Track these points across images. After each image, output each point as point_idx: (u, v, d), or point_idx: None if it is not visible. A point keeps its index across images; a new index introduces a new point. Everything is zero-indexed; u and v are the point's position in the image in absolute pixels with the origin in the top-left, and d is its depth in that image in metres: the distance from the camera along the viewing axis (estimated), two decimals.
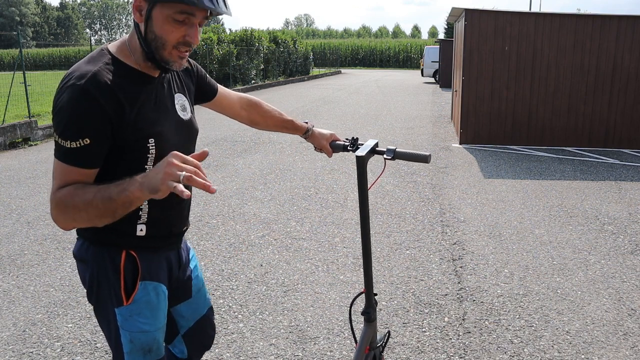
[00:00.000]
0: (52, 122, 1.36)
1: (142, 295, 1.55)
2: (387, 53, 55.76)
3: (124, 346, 1.56)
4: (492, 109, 9.00)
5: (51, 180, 2.02)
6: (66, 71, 1.43)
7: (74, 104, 1.32)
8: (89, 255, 1.55)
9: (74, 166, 1.35)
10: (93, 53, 1.46)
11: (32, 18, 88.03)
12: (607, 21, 8.52)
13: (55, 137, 1.35)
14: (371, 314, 2.13)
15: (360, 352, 2.09)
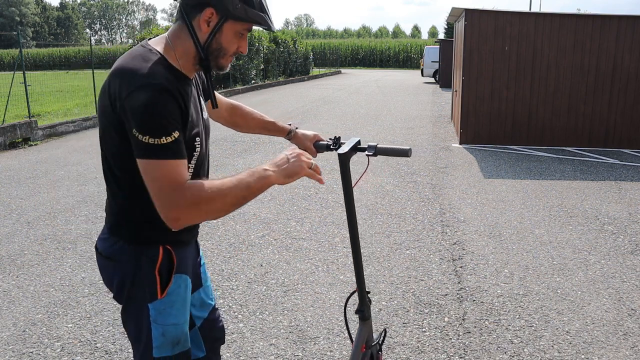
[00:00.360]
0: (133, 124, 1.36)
1: (174, 288, 1.58)
2: (387, 53, 55.76)
3: (155, 340, 1.58)
4: (492, 109, 9.00)
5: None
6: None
7: (157, 103, 1.36)
8: (123, 255, 1.56)
9: (175, 159, 1.38)
10: (140, 50, 1.49)
11: (32, 18, 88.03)
12: (607, 21, 8.52)
13: (142, 139, 1.35)
14: (365, 312, 2.13)
15: (357, 351, 2.09)
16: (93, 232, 4.79)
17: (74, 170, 7.31)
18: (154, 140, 1.35)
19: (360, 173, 6.99)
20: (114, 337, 3.03)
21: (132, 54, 1.48)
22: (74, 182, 6.60)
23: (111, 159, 1.53)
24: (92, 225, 4.99)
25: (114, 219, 1.59)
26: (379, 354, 2.35)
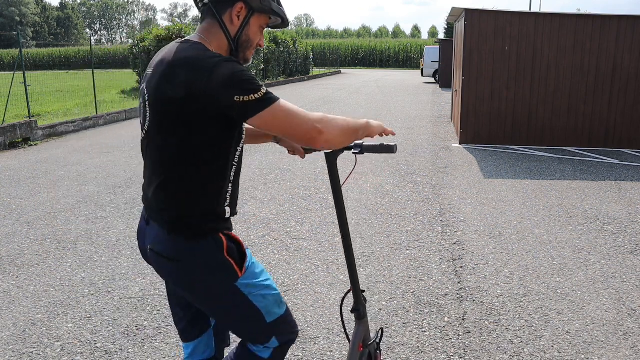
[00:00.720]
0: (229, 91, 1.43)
1: (249, 259, 1.67)
2: (387, 53, 55.76)
3: (259, 306, 1.65)
4: (492, 109, 9.00)
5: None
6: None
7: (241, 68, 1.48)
8: (190, 251, 1.57)
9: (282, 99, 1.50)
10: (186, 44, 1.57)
11: (32, 18, 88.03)
12: (607, 21, 8.52)
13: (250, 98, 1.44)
14: (361, 310, 2.14)
15: (354, 351, 2.09)
16: (93, 232, 4.80)
17: (74, 170, 7.31)
18: (259, 94, 1.45)
19: (358, 173, 6.98)
20: (114, 337, 3.03)
21: (182, 48, 1.54)
22: (74, 182, 6.60)
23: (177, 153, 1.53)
24: (92, 225, 4.99)
25: (175, 215, 1.59)
26: (378, 353, 2.34)
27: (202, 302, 1.67)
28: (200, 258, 1.58)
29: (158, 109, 1.53)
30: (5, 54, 54.89)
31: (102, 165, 7.62)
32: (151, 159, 1.61)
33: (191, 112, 1.47)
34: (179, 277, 1.62)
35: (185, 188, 1.57)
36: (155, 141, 1.57)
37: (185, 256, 1.57)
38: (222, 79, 1.43)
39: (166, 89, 1.49)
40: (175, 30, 20.60)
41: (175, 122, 1.50)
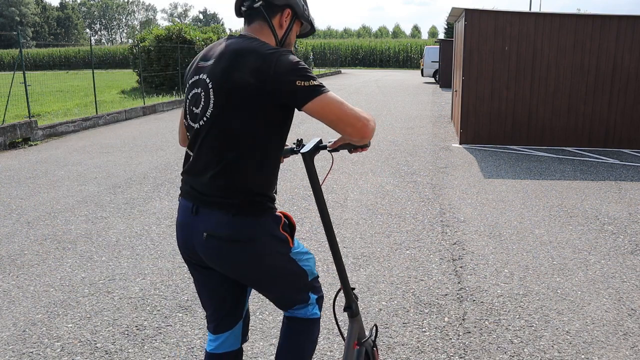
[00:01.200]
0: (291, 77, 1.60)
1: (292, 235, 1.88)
2: (387, 53, 55.76)
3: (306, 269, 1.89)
4: (492, 109, 9.00)
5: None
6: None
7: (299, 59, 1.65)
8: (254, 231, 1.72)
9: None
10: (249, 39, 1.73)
11: (32, 18, 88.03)
12: (607, 21, 8.52)
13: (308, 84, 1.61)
14: (353, 308, 2.15)
15: (349, 349, 2.11)
16: (93, 232, 4.80)
17: (74, 170, 7.31)
18: (315, 82, 1.62)
19: (358, 173, 6.98)
20: (114, 337, 3.03)
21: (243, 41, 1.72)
22: (74, 182, 6.60)
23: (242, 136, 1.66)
24: (92, 225, 4.99)
25: (242, 197, 1.70)
26: (374, 350, 2.35)
27: (262, 276, 1.81)
28: (266, 235, 1.74)
29: (226, 96, 1.65)
30: (5, 54, 54.89)
31: (102, 165, 7.62)
32: (211, 146, 1.70)
33: (257, 97, 1.62)
34: (245, 256, 1.73)
35: (250, 170, 1.69)
36: (220, 126, 1.67)
37: (253, 234, 1.71)
38: (287, 66, 1.61)
39: (235, 75, 1.63)
40: (175, 30, 20.61)
41: (241, 107, 1.64)
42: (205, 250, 1.74)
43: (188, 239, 1.79)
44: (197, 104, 1.73)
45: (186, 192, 1.79)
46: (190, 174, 1.77)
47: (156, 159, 7.98)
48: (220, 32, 24.23)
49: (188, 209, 1.77)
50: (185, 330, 3.10)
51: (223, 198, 1.70)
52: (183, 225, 1.80)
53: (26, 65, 17.68)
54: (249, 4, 1.77)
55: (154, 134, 10.55)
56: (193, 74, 1.78)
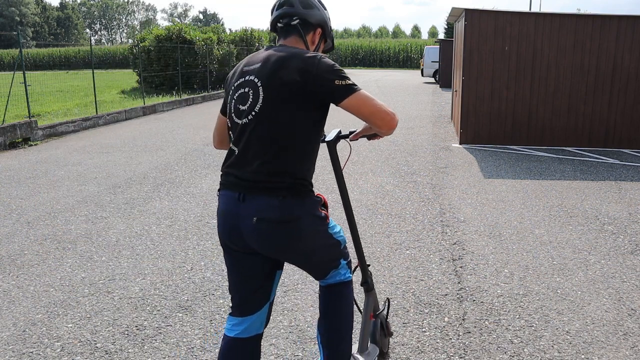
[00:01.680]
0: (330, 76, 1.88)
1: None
2: (387, 53, 55.75)
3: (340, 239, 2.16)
4: (492, 109, 9.00)
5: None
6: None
7: (336, 64, 1.92)
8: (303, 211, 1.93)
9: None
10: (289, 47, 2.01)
11: (32, 18, 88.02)
12: (607, 21, 8.52)
13: (345, 83, 1.89)
14: (369, 283, 2.42)
15: (367, 320, 2.37)
16: (93, 232, 4.80)
17: (74, 170, 7.31)
18: (350, 81, 1.90)
19: (358, 173, 6.98)
20: (114, 337, 3.04)
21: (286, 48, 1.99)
22: (74, 182, 6.60)
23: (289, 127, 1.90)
24: (92, 225, 4.99)
25: (290, 181, 1.91)
26: (387, 322, 2.62)
27: (306, 252, 2.03)
28: (309, 215, 1.96)
29: (275, 91, 1.89)
30: (5, 54, 54.89)
31: (102, 165, 7.62)
32: (259, 137, 1.91)
33: (301, 93, 1.87)
34: (291, 235, 1.93)
35: (294, 157, 1.91)
36: (269, 118, 1.90)
37: (299, 215, 1.92)
38: (326, 68, 1.88)
39: (283, 74, 1.88)
40: (175, 30, 20.61)
41: (287, 100, 1.88)
42: (254, 234, 1.90)
43: (233, 226, 1.95)
44: (244, 102, 1.95)
45: (230, 183, 1.96)
46: (235, 167, 1.96)
47: (156, 159, 7.98)
48: (220, 32, 24.23)
49: (233, 198, 1.93)
50: (185, 330, 3.10)
51: (271, 184, 1.89)
52: (228, 213, 1.96)
53: (26, 65, 17.67)
54: (287, 21, 2.05)
55: (154, 134, 10.55)
56: (238, 77, 2.02)
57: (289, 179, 1.90)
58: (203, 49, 20.13)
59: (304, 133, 1.92)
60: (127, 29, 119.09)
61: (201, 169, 7.32)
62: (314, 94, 1.88)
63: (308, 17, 2.06)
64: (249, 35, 24.24)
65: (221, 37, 22.49)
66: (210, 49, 20.63)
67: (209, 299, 3.48)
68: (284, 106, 1.88)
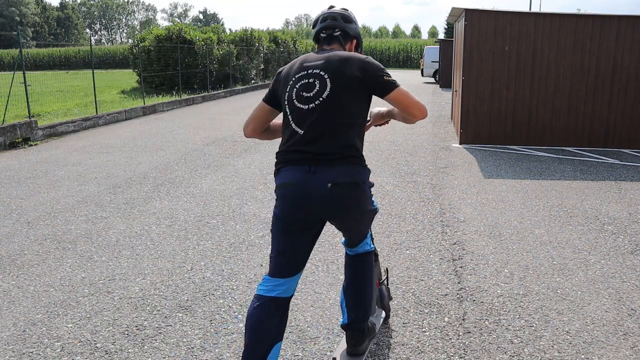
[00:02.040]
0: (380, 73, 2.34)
1: None
2: (387, 53, 55.75)
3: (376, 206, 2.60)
4: (492, 109, 9.00)
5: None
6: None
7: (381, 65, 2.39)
8: (365, 176, 2.35)
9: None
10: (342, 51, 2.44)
11: (32, 18, 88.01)
12: (607, 21, 8.52)
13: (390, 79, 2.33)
14: (376, 254, 2.81)
15: (374, 287, 2.71)
16: (93, 232, 4.80)
17: (74, 170, 7.31)
18: (392, 78, 2.35)
19: None
20: (114, 337, 3.04)
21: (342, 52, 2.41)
22: (74, 182, 6.60)
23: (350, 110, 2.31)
24: (92, 225, 4.99)
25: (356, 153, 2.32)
26: (388, 289, 3.03)
27: (362, 213, 2.42)
28: (367, 180, 2.38)
29: (340, 82, 2.30)
30: (5, 54, 54.90)
31: (102, 165, 7.62)
32: (326, 118, 2.28)
33: (359, 85, 2.31)
34: (358, 196, 2.33)
35: (354, 133, 2.33)
36: (335, 103, 2.29)
37: (363, 179, 2.33)
38: (377, 67, 2.35)
39: (346, 70, 2.30)
40: (175, 30, 20.61)
41: (350, 90, 2.30)
42: (327, 198, 2.24)
43: (303, 195, 2.25)
44: (309, 90, 2.32)
45: (298, 159, 2.28)
46: (302, 144, 2.28)
47: (156, 159, 7.98)
48: (220, 32, 24.23)
49: (303, 171, 2.25)
50: (185, 330, 3.10)
51: (341, 155, 2.27)
52: (298, 184, 2.25)
53: (26, 65, 17.67)
54: (330, 32, 2.49)
55: (154, 134, 10.55)
56: (299, 70, 2.39)
57: (352, 151, 2.31)
58: (203, 49, 20.13)
59: (359, 115, 2.34)
60: (127, 29, 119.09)
61: (201, 169, 7.32)
62: (368, 87, 2.33)
63: (348, 29, 2.51)
64: (249, 35, 24.22)
65: (221, 37, 22.49)
66: (210, 49, 20.63)
67: (209, 299, 3.48)
68: (346, 94, 2.30)
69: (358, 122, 2.34)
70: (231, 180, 6.67)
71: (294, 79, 2.38)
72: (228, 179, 6.74)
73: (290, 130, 2.33)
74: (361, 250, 2.65)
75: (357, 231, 2.56)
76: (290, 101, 2.35)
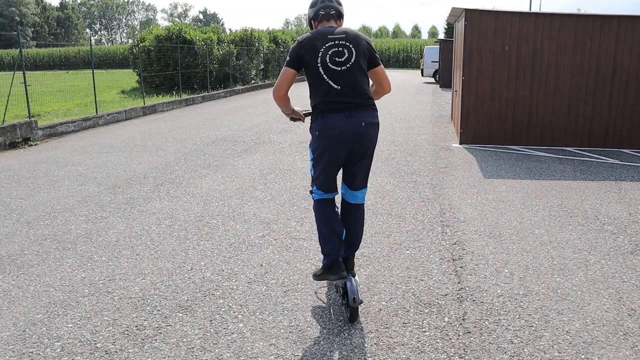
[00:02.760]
0: (374, 51, 3.28)
1: None
2: (387, 53, 55.73)
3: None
4: (492, 109, 9.00)
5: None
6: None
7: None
8: (378, 119, 3.24)
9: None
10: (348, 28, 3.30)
11: (32, 18, 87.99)
12: (607, 21, 8.52)
13: (378, 55, 3.32)
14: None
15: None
16: (93, 232, 4.80)
17: (74, 170, 7.31)
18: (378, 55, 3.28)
19: None
20: (114, 337, 3.04)
21: (350, 29, 3.25)
22: (74, 182, 6.60)
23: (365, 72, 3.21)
24: (92, 225, 4.99)
25: (373, 103, 3.22)
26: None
27: (374, 148, 3.26)
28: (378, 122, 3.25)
29: (359, 50, 3.17)
30: (5, 54, 54.89)
31: (102, 165, 7.62)
32: (354, 76, 3.14)
33: (368, 54, 3.22)
34: (376, 133, 3.22)
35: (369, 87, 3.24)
36: (358, 66, 3.16)
37: (378, 120, 3.24)
38: (373, 45, 3.26)
39: (361, 42, 3.20)
40: (175, 30, 20.61)
41: (365, 56, 3.20)
42: (361, 133, 3.12)
43: (343, 134, 3.08)
44: (340, 56, 3.13)
45: (336, 108, 3.09)
46: (339, 96, 3.10)
47: (156, 159, 7.98)
48: (220, 32, 24.22)
49: (341, 116, 3.08)
50: (185, 330, 3.10)
51: (367, 103, 3.18)
52: (339, 127, 3.08)
53: (26, 65, 17.67)
54: (328, 11, 3.30)
55: (154, 134, 10.55)
56: (325, 42, 3.14)
57: (372, 101, 3.22)
58: (203, 49, 20.12)
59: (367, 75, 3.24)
60: (127, 29, 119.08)
61: (201, 169, 7.32)
62: (369, 56, 3.22)
63: (340, 10, 3.36)
64: (249, 35, 24.22)
65: (221, 37, 22.48)
66: (210, 49, 20.63)
67: (209, 299, 3.48)
68: (363, 60, 3.18)
69: (368, 80, 3.25)
70: (231, 180, 6.67)
71: (324, 47, 3.13)
72: (228, 179, 6.74)
73: (327, 86, 3.11)
74: (361, 201, 3.39)
75: (367, 169, 3.32)
76: (324, 64, 3.12)
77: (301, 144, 9.24)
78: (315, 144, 3.15)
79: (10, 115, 11.07)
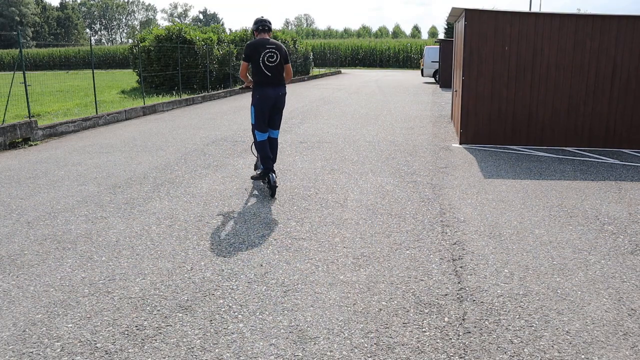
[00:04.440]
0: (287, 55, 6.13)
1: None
2: (387, 53, 55.75)
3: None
4: (492, 109, 9.00)
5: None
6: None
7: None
8: (286, 91, 6.14)
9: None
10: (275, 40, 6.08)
11: (32, 18, 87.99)
12: (607, 21, 8.52)
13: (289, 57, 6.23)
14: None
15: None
16: (93, 232, 4.80)
17: (74, 170, 7.31)
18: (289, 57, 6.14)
19: (358, 173, 6.97)
20: (114, 337, 3.04)
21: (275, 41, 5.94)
22: (74, 182, 6.60)
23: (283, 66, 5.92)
24: (92, 225, 4.99)
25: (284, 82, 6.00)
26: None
27: (283, 107, 6.07)
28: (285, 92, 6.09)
29: (281, 56, 5.85)
30: (5, 54, 54.90)
31: (102, 165, 7.62)
32: (278, 70, 5.86)
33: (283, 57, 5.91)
34: (285, 100, 6.05)
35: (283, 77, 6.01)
36: (280, 64, 5.87)
37: (286, 92, 6.02)
38: (286, 49, 7.13)
39: (281, 49, 5.88)
40: (175, 30, 20.61)
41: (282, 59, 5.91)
42: (281, 99, 5.97)
43: (270, 98, 5.86)
44: (272, 58, 5.78)
45: (270, 84, 5.82)
46: (269, 79, 5.82)
47: (156, 159, 7.98)
48: (220, 32, 24.23)
49: (275, 89, 5.87)
50: (185, 330, 3.10)
51: (282, 82, 5.96)
52: (272, 93, 5.86)
53: (26, 65, 17.66)
54: (265, 27, 5.93)
55: (154, 134, 10.55)
56: (264, 49, 5.77)
57: (284, 81, 5.98)
58: (203, 49, 20.12)
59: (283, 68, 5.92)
60: (127, 29, 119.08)
61: (201, 169, 7.32)
62: (285, 58, 5.90)
63: (270, 27, 5.95)
64: (249, 36, 24.22)
65: (221, 37, 22.49)
66: (210, 49, 20.63)
67: (209, 299, 3.48)
68: (282, 60, 5.87)
69: (283, 70, 5.89)
70: (231, 180, 6.67)
71: (263, 52, 5.74)
72: (228, 179, 6.74)
73: (264, 74, 5.79)
74: (276, 134, 6.16)
75: (280, 118, 6.12)
76: (263, 62, 5.75)
77: (301, 144, 9.23)
78: (256, 103, 5.84)
79: (10, 115, 11.07)
